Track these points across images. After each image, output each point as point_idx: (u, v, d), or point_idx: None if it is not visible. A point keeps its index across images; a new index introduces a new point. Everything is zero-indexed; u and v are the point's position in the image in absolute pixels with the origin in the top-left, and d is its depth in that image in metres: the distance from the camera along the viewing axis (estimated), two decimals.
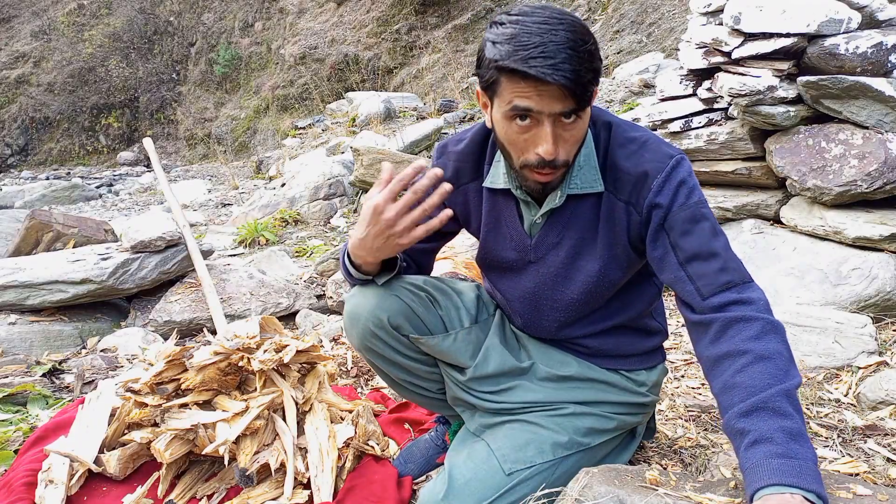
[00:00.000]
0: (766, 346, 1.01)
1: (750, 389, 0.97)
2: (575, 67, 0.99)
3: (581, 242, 1.23)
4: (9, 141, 15.74)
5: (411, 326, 1.32)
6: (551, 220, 1.24)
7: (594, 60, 1.03)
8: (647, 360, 1.39)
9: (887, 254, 2.38)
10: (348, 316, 1.33)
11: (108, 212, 7.77)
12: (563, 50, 0.99)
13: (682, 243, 1.11)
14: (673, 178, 1.13)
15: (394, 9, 13.26)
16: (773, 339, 1.02)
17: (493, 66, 1.04)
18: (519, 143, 1.09)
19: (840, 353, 2.05)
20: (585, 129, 1.12)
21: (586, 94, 1.03)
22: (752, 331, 1.03)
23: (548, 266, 1.28)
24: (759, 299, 1.07)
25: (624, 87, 6.31)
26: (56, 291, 2.77)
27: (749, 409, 0.96)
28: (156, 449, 1.48)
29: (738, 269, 1.10)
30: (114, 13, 17.34)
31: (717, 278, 1.08)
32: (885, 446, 1.57)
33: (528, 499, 1.21)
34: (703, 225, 1.11)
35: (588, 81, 1.02)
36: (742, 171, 2.84)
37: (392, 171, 1.16)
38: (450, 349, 1.34)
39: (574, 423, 1.30)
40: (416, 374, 1.42)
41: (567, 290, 1.28)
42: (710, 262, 1.09)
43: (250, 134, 14.30)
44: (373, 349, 1.35)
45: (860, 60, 2.38)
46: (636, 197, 1.15)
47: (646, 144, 1.17)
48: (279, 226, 4.94)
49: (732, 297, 1.06)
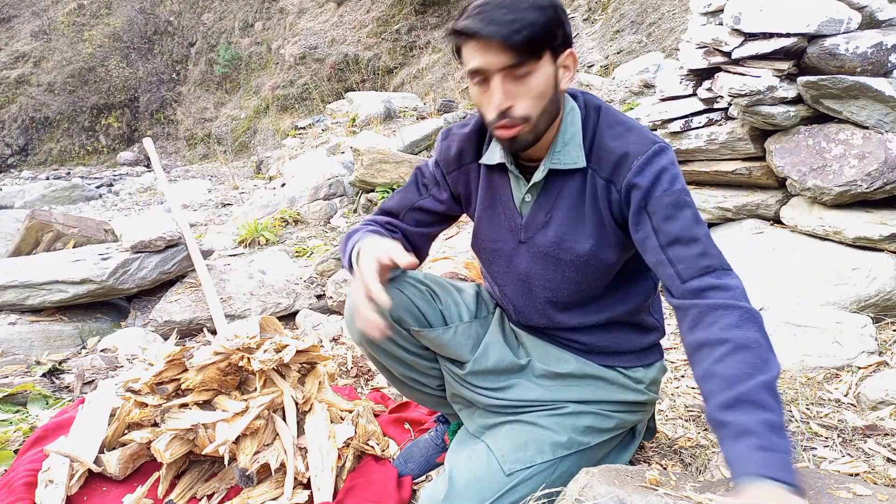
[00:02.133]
0: (745, 334, 1.03)
1: (731, 380, 1.00)
2: (510, 19, 1.05)
3: (569, 222, 1.25)
4: (9, 141, 15.73)
5: (412, 319, 1.33)
6: (540, 200, 1.27)
7: (542, 15, 1.08)
8: (644, 358, 1.39)
9: (887, 254, 2.38)
10: (349, 309, 1.33)
11: (108, 212, 7.76)
12: (501, 6, 1.06)
13: (664, 227, 1.14)
14: (654, 162, 1.15)
15: (394, 9, 13.26)
16: (752, 327, 1.04)
17: (450, 34, 1.14)
18: (482, 103, 1.16)
19: (840, 353, 2.05)
20: (546, 85, 1.13)
21: (532, 47, 1.07)
22: (731, 319, 1.05)
23: (538, 246, 1.29)
24: (736, 286, 1.09)
25: (624, 87, 6.31)
26: (56, 291, 2.77)
27: (731, 401, 0.98)
28: (156, 449, 1.48)
29: (718, 255, 1.12)
30: (114, 13, 17.34)
31: (696, 262, 1.11)
32: (885, 446, 1.57)
33: (529, 499, 1.21)
34: (686, 212, 1.14)
35: (528, 33, 1.06)
36: (742, 171, 2.84)
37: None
38: (450, 342, 1.35)
39: (573, 423, 1.30)
40: (417, 368, 1.42)
41: (558, 270, 1.29)
42: (690, 247, 1.12)
43: (250, 134, 14.30)
44: (375, 343, 1.36)
45: (860, 60, 2.38)
46: (616, 175, 1.18)
47: (632, 129, 1.20)
48: (279, 226, 4.94)
49: (711, 282, 1.09)
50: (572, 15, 10.46)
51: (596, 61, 8.41)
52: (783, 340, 2.16)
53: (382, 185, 5.02)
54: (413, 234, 1.41)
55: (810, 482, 1.09)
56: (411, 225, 1.41)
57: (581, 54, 9.10)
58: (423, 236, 1.43)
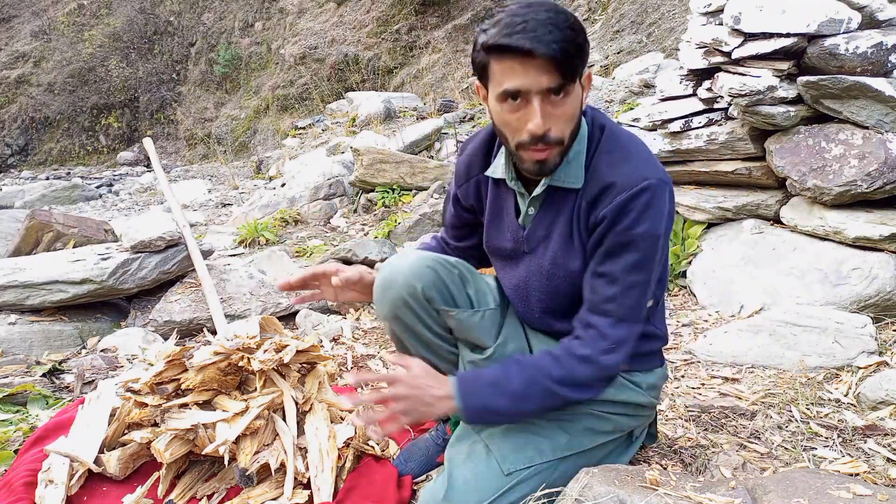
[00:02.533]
0: (574, 367, 1.20)
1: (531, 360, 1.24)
2: (557, 39, 1.04)
3: (563, 239, 1.27)
4: (9, 141, 15.73)
5: (442, 300, 1.33)
6: (541, 214, 1.29)
7: (578, 36, 1.08)
8: (643, 363, 1.39)
9: (887, 254, 2.38)
10: (382, 282, 1.34)
11: (108, 212, 7.76)
12: (544, 24, 1.05)
13: (603, 259, 1.20)
14: (635, 200, 1.15)
15: (394, 9, 13.25)
16: (586, 369, 1.20)
17: (482, 49, 1.11)
18: (512, 123, 1.14)
19: (840, 353, 2.05)
20: (577, 107, 1.15)
21: (572, 68, 1.07)
22: (579, 360, 1.21)
23: (538, 258, 1.31)
24: (615, 338, 1.20)
25: (624, 87, 6.31)
26: (56, 291, 2.77)
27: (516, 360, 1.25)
28: (156, 449, 1.48)
29: (629, 306, 1.20)
30: (114, 13, 17.33)
31: (602, 303, 1.21)
32: (885, 446, 1.57)
33: (528, 499, 1.21)
34: (630, 256, 1.17)
35: (573, 55, 1.06)
36: (742, 171, 2.84)
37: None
38: (476, 326, 1.36)
39: (573, 424, 1.31)
40: (436, 352, 1.42)
41: (552, 283, 1.31)
42: (608, 287, 1.20)
43: (250, 134, 14.29)
44: (401, 319, 1.36)
45: (860, 60, 2.37)
46: (597, 202, 1.20)
47: (629, 157, 1.20)
48: (279, 226, 4.94)
49: (600, 327, 1.20)
50: None
51: (596, 61, 8.41)
52: (783, 340, 2.16)
53: (382, 185, 5.02)
54: (457, 247, 1.55)
55: (810, 482, 1.10)
56: (454, 240, 1.55)
57: None
58: (469, 248, 1.53)
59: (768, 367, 2.08)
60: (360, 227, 4.81)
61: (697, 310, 2.69)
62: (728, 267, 2.73)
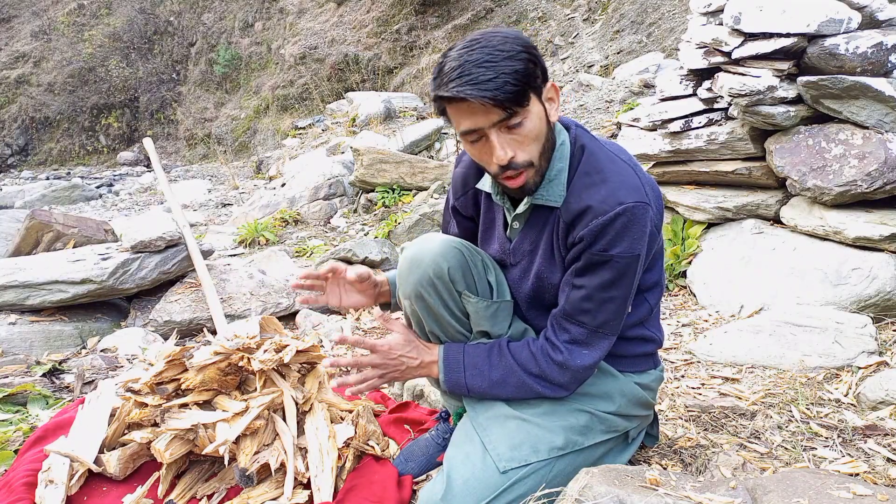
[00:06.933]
0: (548, 369, 1.27)
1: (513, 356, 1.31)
2: (492, 76, 1.06)
3: (546, 255, 1.30)
4: (9, 141, 15.74)
5: (464, 283, 1.35)
6: (526, 228, 1.33)
7: (522, 64, 1.09)
8: (638, 364, 1.41)
9: (887, 254, 2.38)
10: (410, 259, 1.36)
11: (108, 212, 7.77)
12: (480, 65, 1.07)
13: (578, 272, 1.24)
14: (611, 225, 1.17)
15: (394, 9, 13.25)
16: (560, 374, 1.27)
17: (433, 100, 1.16)
18: (482, 158, 1.19)
19: (840, 353, 2.05)
20: (539, 126, 1.17)
21: (518, 97, 1.09)
22: (546, 352, 1.28)
23: (523, 271, 1.36)
24: (593, 349, 1.25)
25: (624, 87, 6.31)
26: (56, 291, 2.77)
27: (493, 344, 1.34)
28: (156, 449, 1.48)
29: (603, 321, 1.24)
30: (114, 13, 17.34)
31: (578, 314, 1.25)
32: (885, 446, 1.57)
33: (528, 499, 1.21)
34: (604, 273, 1.20)
35: (515, 85, 1.08)
36: (742, 171, 2.84)
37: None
38: (493, 316, 1.37)
39: (569, 422, 1.32)
40: (451, 334, 1.42)
41: (539, 293, 1.35)
42: (583, 301, 1.23)
43: (250, 134, 14.29)
44: (424, 298, 1.36)
45: (860, 60, 2.38)
46: (574, 224, 1.22)
47: (607, 181, 1.21)
48: (279, 226, 4.95)
49: (573, 333, 1.25)
50: (572, 15, 10.46)
51: (596, 61, 8.41)
52: (783, 340, 2.16)
53: (382, 185, 5.03)
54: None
55: (810, 482, 1.10)
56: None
57: (581, 54, 9.10)
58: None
59: (768, 367, 2.08)
60: (360, 227, 4.82)
61: (697, 310, 2.69)
62: (728, 267, 2.73)
